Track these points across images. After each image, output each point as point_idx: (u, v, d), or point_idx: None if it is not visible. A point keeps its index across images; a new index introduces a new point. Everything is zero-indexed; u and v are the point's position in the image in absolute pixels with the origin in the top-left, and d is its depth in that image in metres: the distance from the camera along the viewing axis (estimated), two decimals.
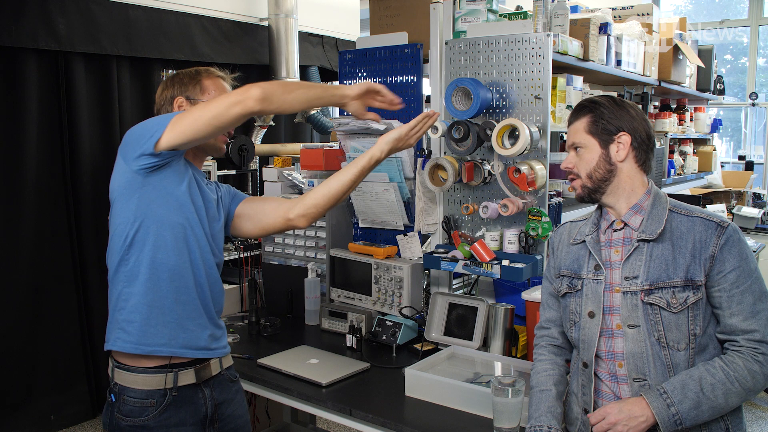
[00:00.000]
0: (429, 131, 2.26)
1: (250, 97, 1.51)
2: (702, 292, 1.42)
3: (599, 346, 1.50)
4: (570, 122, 1.58)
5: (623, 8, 3.20)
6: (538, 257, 2.12)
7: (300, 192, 2.77)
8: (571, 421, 1.58)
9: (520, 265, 2.07)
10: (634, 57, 2.85)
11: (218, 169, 3.91)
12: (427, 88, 2.45)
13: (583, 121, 1.53)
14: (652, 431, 1.40)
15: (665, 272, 1.44)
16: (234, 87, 1.72)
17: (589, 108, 1.54)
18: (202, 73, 1.75)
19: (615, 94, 1.70)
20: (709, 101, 4.42)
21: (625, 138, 1.50)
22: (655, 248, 1.46)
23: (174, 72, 1.80)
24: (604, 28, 2.48)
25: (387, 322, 2.31)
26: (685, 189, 4.32)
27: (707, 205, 4.48)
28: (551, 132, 2.14)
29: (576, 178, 1.56)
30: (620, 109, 1.52)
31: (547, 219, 2.10)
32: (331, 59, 4.94)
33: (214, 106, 1.52)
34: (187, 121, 1.52)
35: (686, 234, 1.45)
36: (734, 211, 4.69)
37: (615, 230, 1.53)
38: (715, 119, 4.54)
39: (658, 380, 1.43)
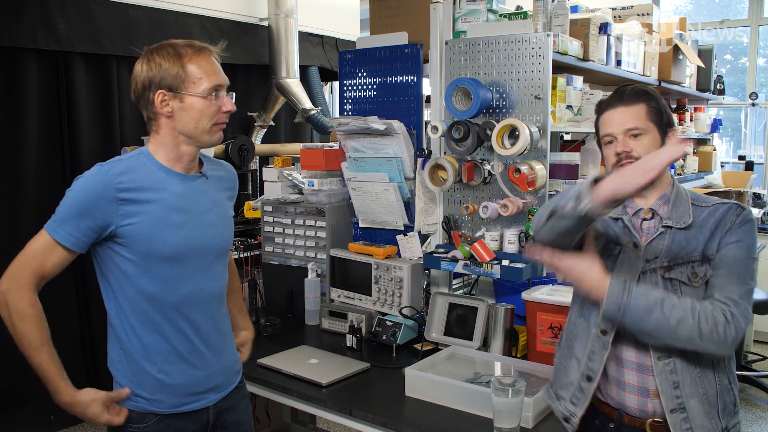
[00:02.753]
0: (429, 131, 2.26)
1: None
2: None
3: None
4: (623, 104, 1.53)
5: (623, 8, 3.20)
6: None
7: (300, 192, 2.77)
8: (564, 385, 1.58)
9: (520, 265, 2.07)
10: (634, 57, 2.85)
11: None
12: (427, 88, 2.45)
13: (644, 108, 1.52)
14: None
15: (684, 249, 1.48)
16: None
17: (650, 95, 1.53)
18: (184, 56, 1.52)
19: None
20: (709, 101, 4.42)
21: (673, 134, 1.54)
22: (677, 234, 1.50)
23: (150, 48, 1.57)
24: (604, 28, 2.48)
25: (387, 322, 2.31)
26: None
27: None
28: (551, 132, 2.14)
29: (634, 161, 1.49)
30: (668, 106, 1.56)
31: None
32: (331, 59, 4.93)
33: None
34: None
35: (707, 219, 1.50)
36: None
37: (645, 219, 1.55)
38: (715, 119, 4.54)
39: (680, 357, 1.45)
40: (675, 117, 3.71)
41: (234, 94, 1.63)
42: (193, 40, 1.59)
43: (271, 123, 4.49)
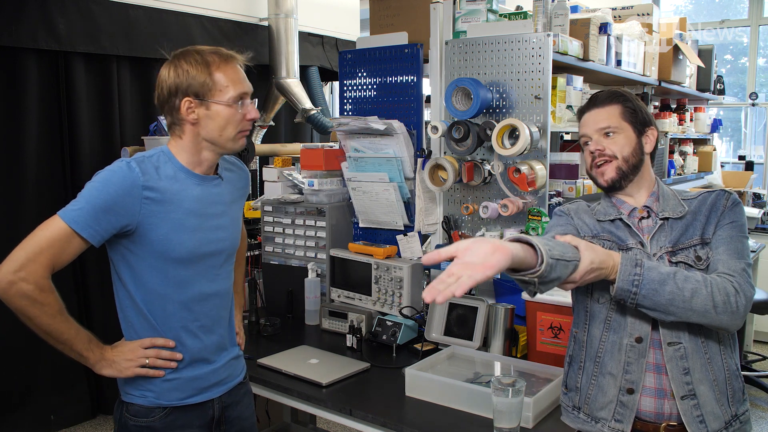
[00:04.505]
0: (429, 131, 2.26)
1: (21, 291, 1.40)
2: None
3: None
4: (596, 106, 1.59)
5: (623, 8, 3.20)
6: None
7: (300, 192, 2.77)
8: (603, 406, 1.53)
9: None
10: (634, 57, 2.85)
11: None
12: (427, 88, 2.45)
13: (617, 108, 1.57)
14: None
15: (684, 235, 1.52)
16: (246, 69, 1.61)
17: (624, 97, 1.59)
18: (211, 64, 1.53)
19: None
20: (709, 101, 4.41)
21: (651, 132, 1.59)
22: (675, 223, 1.54)
23: (176, 53, 1.56)
24: (604, 28, 2.48)
25: (387, 322, 2.31)
26: (685, 189, 4.32)
27: None
28: (551, 132, 2.14)
29: (610, 160, 1.56)
30: (645, 106, 1.61)
31: (547, 219, 2.10)
32: (331, 59, 4.94)
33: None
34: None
35: (699, 207, 1.55)
36: None
37: (642, 218, 1.57)
38: (715, 119, 4.54)
39: (692, 342, 1.46)
40: (675, 117, 3.71)
41: (257, 100, 1.64)
42: (220, 47, 1.60)
43: (271, 123, 4.49)
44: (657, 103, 3.76)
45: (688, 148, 4.12)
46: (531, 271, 1.27)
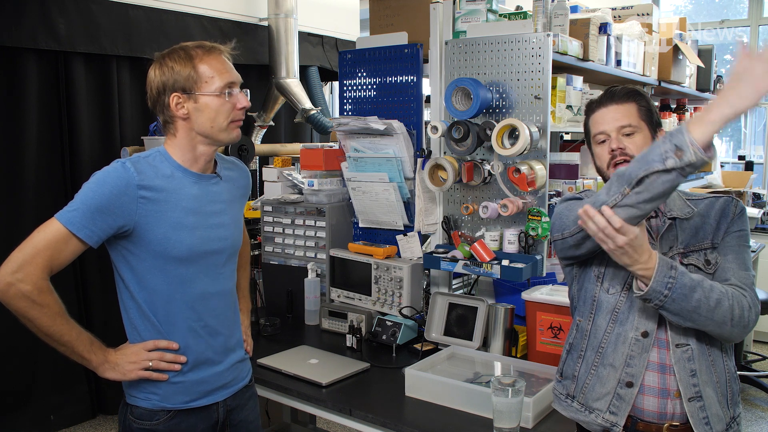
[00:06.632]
0: (429, 131, 2.26)
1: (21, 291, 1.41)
2: None
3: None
4: (614, 102, 1.55)
5: (623, 8, 3.20)
6: (538, 257, 2.12)
7: (300, 192, 2.77)
8: (600, 396, 1.52)
9: (520, 265, 2.07)
10: (634, 57, 2.85)
11: None
12: (427, 88, 2.45)
13: (635, 106, 1.54)
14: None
15: (695, 238, 1.51)
16: (234, 59, 1.61)
17: (641, 95, 1.56)
18: (194, 57, 1.53)
19: None
20: (709, 101, 4.41)
21: (661, 133, 1.56)
22: (683, 223, 1.53)
23: (161, 53, 1.57)
24: (604, 28, 2.48)
25: (387, 322, 2.31)
26: (684, 189, 4.32)
27: None
28: (551, 132, 2.14)
29: (629, 160, 1.51)
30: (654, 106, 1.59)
31: (547, 219, 2.10)
32: (331, 59, 4.93)
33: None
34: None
35: (708, 210, 1.54)
36: None
37: (651, 217, 1.55)
38: None
39: (698, 344, 1.45)
40: (675, 117, 3.71)
41: (248, 90, 1.64)
42: (204, 41, 1.60)
43: (271, 123, 4.49)
44: (657, 103, 3.76)
45: None
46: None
